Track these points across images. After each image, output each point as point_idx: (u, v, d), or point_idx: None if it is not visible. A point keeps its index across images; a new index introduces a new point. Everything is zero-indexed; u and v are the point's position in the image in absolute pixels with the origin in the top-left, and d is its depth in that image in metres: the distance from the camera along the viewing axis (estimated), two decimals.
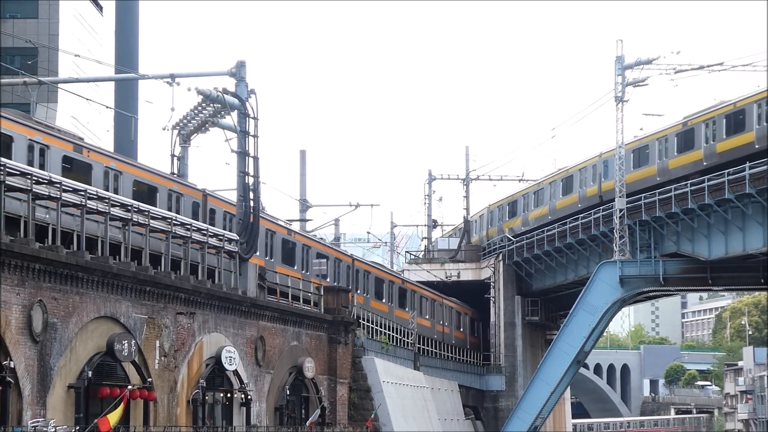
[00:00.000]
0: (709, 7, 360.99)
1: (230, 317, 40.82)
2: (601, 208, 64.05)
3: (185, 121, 47.82)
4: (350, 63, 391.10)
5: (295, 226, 59.56)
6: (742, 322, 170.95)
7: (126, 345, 33.06)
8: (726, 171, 53.86)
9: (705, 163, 57.16)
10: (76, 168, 35.79)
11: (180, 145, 48.78)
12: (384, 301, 62.67)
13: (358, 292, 57.28)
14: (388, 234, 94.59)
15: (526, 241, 73.36)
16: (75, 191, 32.90)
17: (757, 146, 53.45)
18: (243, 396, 41.00)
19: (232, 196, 45.54)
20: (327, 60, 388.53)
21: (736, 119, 55.53)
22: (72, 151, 35.93)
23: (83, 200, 33.02)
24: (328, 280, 52.83)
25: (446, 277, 78.86)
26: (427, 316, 69.92)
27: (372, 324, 57.99)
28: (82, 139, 39.32)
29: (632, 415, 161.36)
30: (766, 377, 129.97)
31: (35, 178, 31.10)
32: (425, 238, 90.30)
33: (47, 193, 31.82)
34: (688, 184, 56.15)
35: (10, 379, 28.84)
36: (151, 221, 36.61)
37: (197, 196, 43.28)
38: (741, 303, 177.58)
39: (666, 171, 60.63)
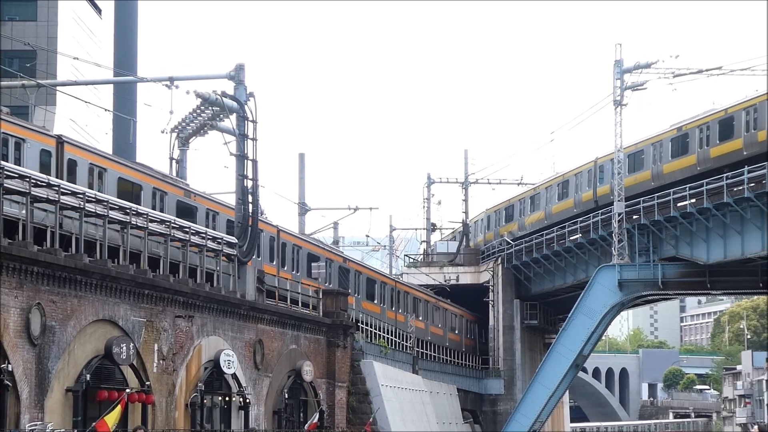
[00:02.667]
0: (707, 8, 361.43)
1: (229, 320, 40.77)
2: (600, 212, 64.14)
3: (184, 124, 47.78)
4: (349, 66, 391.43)
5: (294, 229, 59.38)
6: (741, 326, 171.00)
7: (124, 348, 33.01)
8: (725, 174, 53.99)
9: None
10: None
11: (179, 148, 48.73)
12: (376, 302, 61.85)
13: (349, 292, 56.40)
14: (387, 237, 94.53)
15: (525, 244, 73.38)
16: (74, 194, 32.86)
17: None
18: (241, 399, 40.95)
19: (231, 200, 45.44)
20: (326, 63, 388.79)
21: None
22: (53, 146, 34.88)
23: (82, 203, 32.97)
24: (318, 280, 52.39)
25: (445, 281, 78.81)
26: (421, 318, 69.39)
27: (371, 327, 57.88)
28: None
29: (631, 419, 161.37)
30: (764, 381, 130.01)
31: (33, 181, 31.05)
32: (424, 241, 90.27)
33: (46, 196, 31.77)
34: (687, 188, 56.28)
35: (8, 382, 28.77)
36: (149, 224, 36.57)
37: (179, 193, 42.34)
38: (739, 307, 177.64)
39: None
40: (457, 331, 76.75)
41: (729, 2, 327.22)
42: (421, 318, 69.19)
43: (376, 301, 61.79)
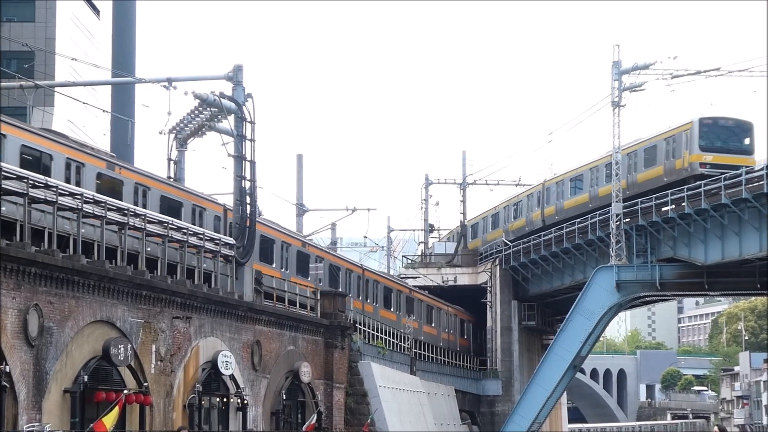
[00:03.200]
0: (705, 8, 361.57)
1: (226, 321, 40.77)
2: (598, 213, 64.28)
3: (182, 125, 47.72)
4: (347, 67, 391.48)
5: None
6: (739, 327, 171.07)
7: (122, 349, 33.00)
8: (722, 176, 54.10)
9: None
10: None
11: (177, 149, 48.63)
12: (339, 290, 55.99)
13: (309, 279, 52.73)
14: (385, 238, 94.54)
15: (522, 245, 73.42)
16: (71, 195, 32.86)
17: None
18: (239, 401, 40.95)
19: (229, 201, 45.39)
20: (324, 64, 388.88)
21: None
22: None
23: (79, 204, 32.96)
24: (274, 265, 51.49)
25: (443, 282, 78.70)
26: (393, 309, 65.66)
27: (368, 328, 57.75)
28: None
29: (628, 420, 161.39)
30: (762, 382, 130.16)
31: (31, 182, 31.05)
32: (422, 242, 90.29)
33: (44, 197, 31.77)
34: (685, 189, 56.39)
35: (5, 383, 28.75)
36: (147, 225, 36.57)
37: (99, 165, 37.49)
38: (737, 308, 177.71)
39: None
40: (433, 324, 72.72)
41: (727, 3, 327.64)
42: (393, 309, 65.41)
43: (339, 289, 56.14)
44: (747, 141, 61.03)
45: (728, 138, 60.08)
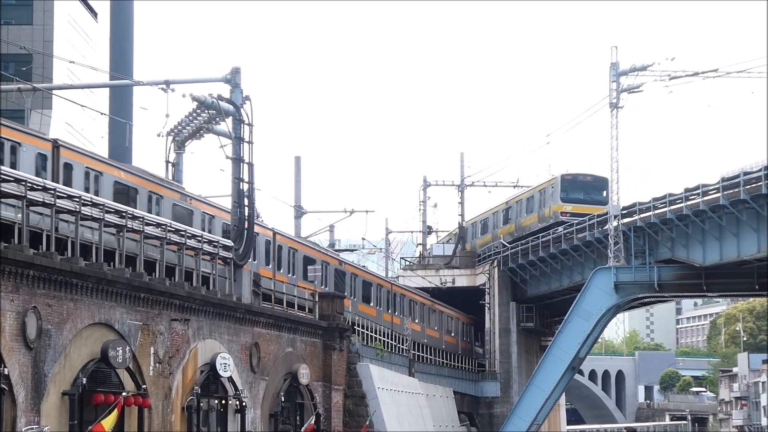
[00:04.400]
0: (703, 9, 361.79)
1: (225, 324, 40.77)
2: (596, 214, 64.33)
3: (180, 127, 47.67)
4: (345, 69, 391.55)
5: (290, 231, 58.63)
6: (737, 328, 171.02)
7: (120, 351, 32.99)
8: (720, 177, 54.18)
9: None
10: None
11: (175, 152, 48.57)
12: (282, 271, 50.84)
13: (269, 267, 49.40)
14: (383, 240, 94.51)
15: (521, 247, 73.44)
16: (69, 197, 32.86)
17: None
18: (238, 403, 40.94)
19: (227, 203, 45.36)
20: (322, 66, 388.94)
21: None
22: None
23: (78, 206, 32.95)
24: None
25: (441, 284, 78.70)
26: (326, 287, 56.02)
27: (366, 330, 57.70)
28: None
29: (627, 421, 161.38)
30: (760, 383, 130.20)
31: (30, 185, 31.04)
32: (420, 244, 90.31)
33: (42, 200, 31.76)
34: (683, 190, 56.45)
35: (4, 386, 28.76)
36: (145, 228, 36.56)
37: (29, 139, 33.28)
38: (736, 309, 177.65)
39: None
40: (372, 303, 64.33)
41: (725, 4, 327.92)
42: (325, 286, 55.73)
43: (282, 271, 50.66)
44: (604, 194, 69.62)
45: (586, 191, 71.44)
